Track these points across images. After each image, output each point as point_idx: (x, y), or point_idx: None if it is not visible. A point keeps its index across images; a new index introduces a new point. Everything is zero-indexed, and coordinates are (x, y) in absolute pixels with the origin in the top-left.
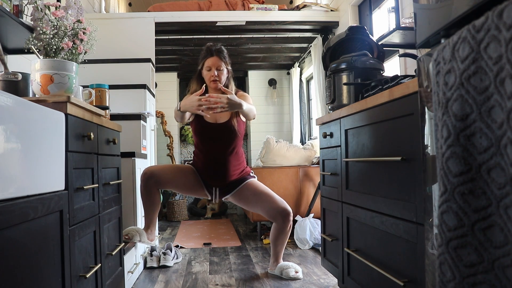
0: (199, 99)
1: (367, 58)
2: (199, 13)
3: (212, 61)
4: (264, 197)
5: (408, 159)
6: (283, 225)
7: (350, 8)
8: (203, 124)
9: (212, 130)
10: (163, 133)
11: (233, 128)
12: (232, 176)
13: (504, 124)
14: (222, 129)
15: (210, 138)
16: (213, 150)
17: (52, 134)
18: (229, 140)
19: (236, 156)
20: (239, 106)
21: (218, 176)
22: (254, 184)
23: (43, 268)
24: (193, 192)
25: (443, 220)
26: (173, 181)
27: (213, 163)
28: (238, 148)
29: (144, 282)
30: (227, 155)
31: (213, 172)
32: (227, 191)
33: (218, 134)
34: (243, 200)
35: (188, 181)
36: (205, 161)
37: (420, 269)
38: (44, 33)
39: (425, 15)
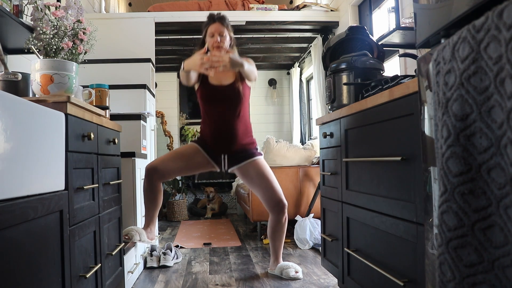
0: (202, 58)
1: (367, 58)
2: (199, 13)
3: (215, 27)
4: (267, 183)
5: (408, 159)
6: (278, 216)
7: (350, 8)
8: (208, 87)
9: (217, 92)
10: (163, 133)
11: (238, 90)
12: (240, 140)
13: (504, 124)
14: (227, 91)
15: (216, 101)
16: (219, 112)
17: (52, 134)
18: (235, 102)
19: (243, 121)
20: (240, 65)
21: (226, 140)
22: (261, 164)
23: (43, 268)
24: (201, 168)
25: (443, 220)
26: (176, 169)
27: (220, 127)
28: (244, 113)
29: (144, 282)
30: (234, 118)
31: (221, 136)
32: (235, 161)
33: (223, 96)
34: (247, 177)
35: (192, 161)
36: (212, 126)
37: (420, 269)
38: (44, 33)
39: (425, 15)
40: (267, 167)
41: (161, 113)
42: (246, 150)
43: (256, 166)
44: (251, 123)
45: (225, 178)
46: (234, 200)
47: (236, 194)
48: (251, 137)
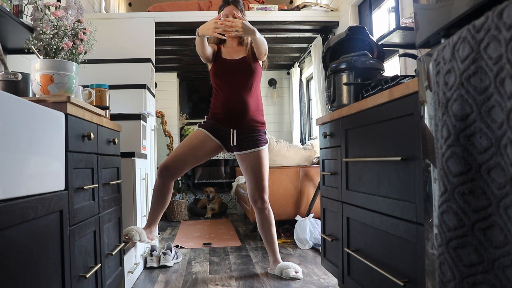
0: (216, 22)
1: (367, 58)
2: (199, 13)
3: (229, 9)
4: (258, 177)
5: (408, 159)
6: (260, 209)
7: (350, 8)
8: (221, 62)
9: (229, 66)
10: (163, 133)
11: (249, 64)
12: (251, 115)
13: (504, 124)
14: (239, 63)
15: (228, 73)
16: (231, 85)
17: (52, 134)
18: (246, 75)
19: (255, 97)
20: (252, 32)
21: (237, 113)
22: (261, 157)
23: (43, 268)
24: (211, 155)
25: (443, 220)
26: (188, 163)
27: (232, 98)
28: (256, 89)
29: (144, 282)
30: (245, 91)
31: (232, 107)
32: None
33: (235, 68)
34: (244, 163)
35: (202, 150)
36: (224, 98)
37: (420, 269)
38: (44, 33)
39: (425, 15)
40: (266, 160)
41: (161, 113)
42: (255, 132)
43: (257, 157)
44: (263, 104)
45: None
46: (234, 200)
47: (236, 194)
48: (262, 116)
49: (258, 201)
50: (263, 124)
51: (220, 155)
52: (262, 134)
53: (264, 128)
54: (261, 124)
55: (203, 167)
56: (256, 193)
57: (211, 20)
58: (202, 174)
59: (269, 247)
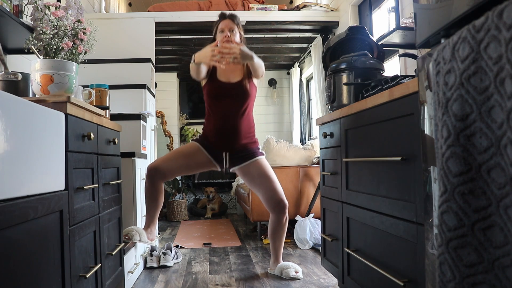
0: (213, 50)
1: (367, 58)
2: (199, 13)
3: (225, 23)
4: (268, 182)
5: (408, 159)
6: (279, 216)
7: (350, 8)
8: (216, 84)
9: (224, 89)
10: (163, 133)
11: (245, 88)
12: (242, 138)
13: (504, 124)
14: (235, 88)
15: (222, 97)
16: (225, 109)
17: (52, 134)
18: (241, 100)
19: (248, 119)
20: (250, 58)
21: (228, 137)
22: (263, 164)
23: (43, 268)
24: (202, 168)
25: (443, 220)
26: (178, 169)
27: (224, 123)
28: (249, 111)
29: (144, 282)
30: (238, 116)
31: (224, 133)
32: (236, 161)
33: (231, 93)
34: (248, 177)
35: (194, 161)
36: (216, 122)
37: (420, 269)
38: (44, 33)
39: (425, 15)
40: (269, 167)
41: (161, 113)
42: (248, 150)
43: (258, 166)
44: (254, 123)
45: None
46: (234, 200)
47: (236, 194)
48: (254, 136)
49: (278, 205)
50: (255, 142)
51: None
52: (255, 149)
53: (257, 145)
54: (253, 143)
55: None
56: (273, 198)
57: (207, 47)
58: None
59: (273, 248)
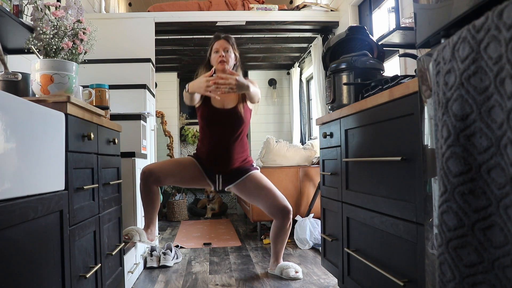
0: (207, 80)
1: (367, 58)
2: (199, 13)
3: (220, 43)
4: (266, 192)
5: (408, 159)
6: (283, 222)
7: (350, 8)
8: (210, 109)
9: (219, 116)
10: (163, 133)
11: (240, 114)
12: (235, 162)
13: (504, 124)
14: (229, 115)
15: (217, 124)
16: (219, 135)
17: (52, 134)
18: (236, 126)
19: (241, 143)
20: (246, 88)
21: (221, 161)
22: (257, 176)
23: (43, 268)
24: (195, 183)
25: (443, 220)
26: (172, 176)
27: (218, 148)
28: (243, 135)
29: (144, 282)
30: (232, 141)
31: (217, 157)
32: (230, 180)
33: (225, 119)
34: (245, 192)
35: (188, 174)
36: (209, 146)
37: (420, 269)
38: (44, 33)
39: (425, 15)
40: (265, 178)
41: (161, 113)
42: (241, 169)
43: (253, 179)
44: (247, 142)
45: None
46: (234, 200)
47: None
48: (247, 157)
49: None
50: (249, 161)
51: None
52: (249, 166)
53: (250, 163)
54: (246, 163)
55: None
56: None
57: (202, 78)
58: None
59: (275, 250)
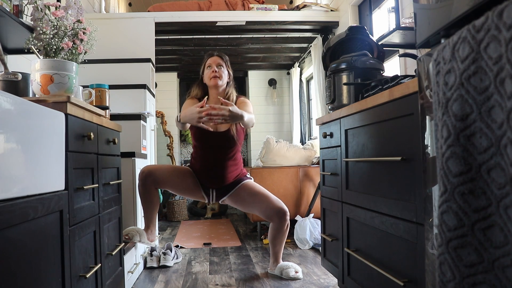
0: (200, 111)
1: (367, 58)
2: (199, 13)
3: (213, 59)
4: (260, 197)
5: (408, 159)
6: (279, 224)
7: (350, 8)
8: (203, 132)
9: (212, 139)
10: (163, 133)
11: (233, 137)
12: (228, 179)
13: (504, 124)
14: (222, 137)
15: (210, 146)
16: (212, 156)
17: (52, 134)
18: (229, 148)
19: (234, 161)
20: (240, 118)
21: (215, 179)
22: (250, 185)
23: (43, 268)
24: (190, 194)
25: (443, 220)
26: (170, 182)
27: (210, 167)
28: (237, 154)
29: (144, 282)
30: (225, 160)
31: (210, 175)
32: (223, 193)
33: (218, 142)
34: (239, 202)
35: (185, 183)
36: (202, 165)
37: (420, 269)
38: (44, 33)
39: (425, 15)
40: (258, 185)
41: (161, 113)
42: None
43: (246, 188)
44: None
45: None
46: None
47: None
48: (240, 169)
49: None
50: (242, 173)
51: None
52: (242, 177)
53: (244, 174)
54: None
55: None
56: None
57: (194, 108)
58: None
59: (273, 251)
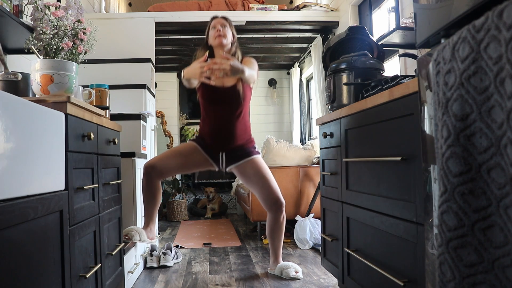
0: (202, 66)
1: (367, 58)
2: (199, 13)
3: (217, 20)
4: (264, 182)
5: (408, 159)
6: (276, 215)
7: (350, 8)
8: (209, 89)
9: (218, 94)
10: (163, 133)
11: (239, 92)
12: (238, 140)
13: (504, 124)
14: (229, 93)
15: (216, 102)
16: (219, 113)
17: (52, 134)
18: (236, 104)
19: (243, 121)
20: (241, 72)
21: (224, 139)
22: (259, 163)
23: (43, 268)
24: (199, 167)
25: (443, 220)
26: (175, 166)
27: (219, 126)
28: (245, 114)
29: (144, 282)
30: (233, 118)
31: (220, 133)
32: (233, 159)
33: (225, 97)
34: (244, 176)
35: (191, 159)
36: (211, 125)
37: (420, 269)
38: (44, 33)
39: (425, 15)
40: (265, 166)
41: (161, 113)
42: (244, 149)
43: (254, 165)
44: (250, 122)
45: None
46: (234, 200)
47: (236, 194)
48: (250, 136)
49: (275, 204)
50: (251, 141)
51: None
52: (251, 148)
53: (253, 144)
54: (249, 142)
55: None
56: (270, 197)
57: (196, 64)
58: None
59: (273, 247)
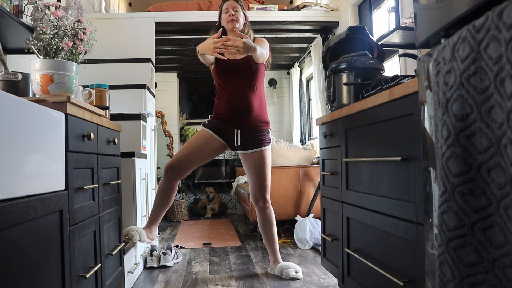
0: (215, 42)
1: (367, 58)
2: (199, 13)
3: (229, 3)
4: (260, 176)
5: (408, 159)
6: (262, 209)
7: (350, 8)
8: (223, 64)
9: (231, 66)
10: (163, 133)
11: (251, 64)
12: (255, 115)
13: (504, 124)
14: (241, 64)
15: (230, 74)
16: (234, 86)
17: (52, 134)
18: (249, 76)
19: (259, 97)
20: (253, 50)
21: (241, 113)
22: (265, 158)
23: (43, 268)
24: (216, 154)
25: (443, 220)
26: (193, 162)
27: (235, 99)
28: (260, 89)
29: (144, 282)
30: (249, 91)
31: (236, 108)
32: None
33: (238, 69)
34: (247, 163)
35: (206, 149)
36: (227, 99)
37: (420, 269)
38: (44, 33)
39: (425, 15)
40: (269, 161)
41: (161, 113)
42: (258, 132)
43: (260, 158)
44: (266, 103)
45: (225, 178)
46: (234, 200)
47: (236, 194)
48: (266, 116)
49: (260, 200)
50: (267, 123)
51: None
52: (266, 133)
53: (268, 127)
54: (265, 124)
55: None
56: (258, 193)
57: (210, 39)
58: (202, 174)
59: (269, 246)
